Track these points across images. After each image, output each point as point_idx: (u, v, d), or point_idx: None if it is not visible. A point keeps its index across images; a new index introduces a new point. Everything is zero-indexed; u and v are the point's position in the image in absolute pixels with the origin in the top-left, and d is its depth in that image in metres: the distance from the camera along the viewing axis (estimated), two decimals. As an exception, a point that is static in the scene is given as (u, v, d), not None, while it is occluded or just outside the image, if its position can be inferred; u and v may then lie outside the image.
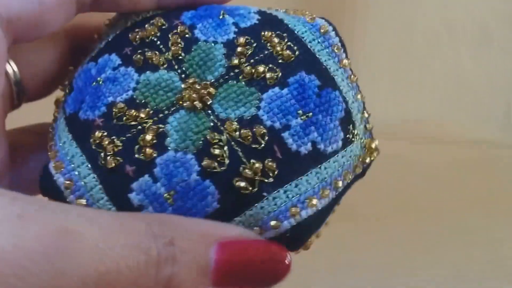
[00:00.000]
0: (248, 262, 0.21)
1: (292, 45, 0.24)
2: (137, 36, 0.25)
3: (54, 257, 0.18)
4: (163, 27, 0.25)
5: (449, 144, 0.72)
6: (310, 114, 0.23)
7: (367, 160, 0.25)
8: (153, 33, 0.25)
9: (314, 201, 0.23)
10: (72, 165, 0.23)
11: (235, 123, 0.23)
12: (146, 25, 0.25)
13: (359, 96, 0.26)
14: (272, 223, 0.23)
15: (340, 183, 0.24)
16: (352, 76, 0.25)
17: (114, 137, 0.23)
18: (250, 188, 0.22)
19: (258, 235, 0.23)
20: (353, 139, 0.24)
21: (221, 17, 0.25)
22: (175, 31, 0.24)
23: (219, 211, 0.22)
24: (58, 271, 0.18)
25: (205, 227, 0.22)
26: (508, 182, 0.67)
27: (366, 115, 0.26)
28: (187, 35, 0.24)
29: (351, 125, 0.24)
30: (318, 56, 0.24)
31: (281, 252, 0.22)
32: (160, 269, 0.20)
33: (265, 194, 0.22)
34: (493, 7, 0.79)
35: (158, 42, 0.24)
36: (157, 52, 0.24)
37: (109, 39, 0.26)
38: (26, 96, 0.27)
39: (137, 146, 0.22)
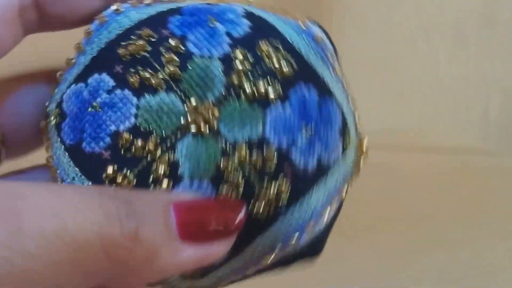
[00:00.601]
0: (206, 215, 0.21)
1: (288, 58, 0.24)
2: (126, 52, 0.23)
3: (6, 216, 0.18)
4: (152, 39, 0.23)
5: (429, 152, 0.72)
6: (313, 128, 0.23)
7: (361, 161, 0.25)
8: (143, 47, 0.23)
9: (326, 212, 0.24)
10: None
11: (245, 146, 0.22)
12: (132, 37, 0.24)
13: (351, 103, 0.25)
14: (293, 240, 0.23)
15: (344, 190, 0.24)
16: (344, 83, 0.25)
17: (125, 171, 0.22)
18: (267, 211, 0.22)
19: (279, 252, 0.23)
20: (349, 143, 0.24)
21: (211, 25, 0.24)
22: (168, 45, 0.23)
23: (239, 236, 0.22)
24: (13, 229, 0.18)
25: (158, 192, 0.22)
26: (487, 190, 0.67)
27: (356, 117, 0.26)
28: (181, 51, 0.23)
29: (347, 134, 0.24)
30: (314, 68, 0.24)
31: (240, 204, 0.22)
32: (123, 223, 0.19)
33: (282, 212, 0.23)
34: (470, 10, 0.79)
35: (151, 59, 0.23)
36: (152, 72, 0.23)
37: (94, 55, 0.24)
38: (7, 152, 0.26)
39: (151, 179, 0.22)
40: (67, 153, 0.24)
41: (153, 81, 0.23)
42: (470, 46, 0.79)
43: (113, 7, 0.25)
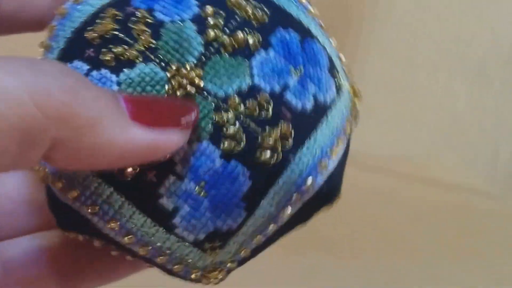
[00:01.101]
0: (155, 104, 0.21)
1: (261, 7, 0.23)
2: (95, 35, 0.23)
3: None
4: (118, 17, 0.23)
5: (433, 186, 0.72)
6: (302, 68, 0.23)
7: (357, 104, 0.25)
8: (110, 26, 0.23)
9: (335, 150, 0.24)
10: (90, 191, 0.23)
11: (237, 97, 0.22)
12: (97, 20, 0.23)
13: (332, 43, 0.25)
14: (308, 182, 0.23)
15: (348, 129, 0.24)
16: (322, 25, 0.25)
17: None
18: (276, 156, 0.22)
19: (297, 200, 0.23)
20: (341, 84, 0.24)
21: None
22: (135, 19, 0.23)
23: (253, 188, 0.22)
24: None
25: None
26: (483, 232, 0.67)
27: (343, 59, 0.26)
28: (149, 20, 0.23)
29: (335, 71, 0.24)
30: (288, 11, 0.24)
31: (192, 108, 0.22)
32: (58, 77, 0.18)
33: (290, 157, 0.22)
34: (496, 51, 0.79)
35: (121, 35, 0.23)
36: (126, 47, 0.22)
37: (62, 47, 0.24)
38: None
39: None
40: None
41: (128, 54, 0.22)
42: (491, 86, 0.79)
43: None
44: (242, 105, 0.22)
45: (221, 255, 0.24)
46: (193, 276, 0.24)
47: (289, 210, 0.23)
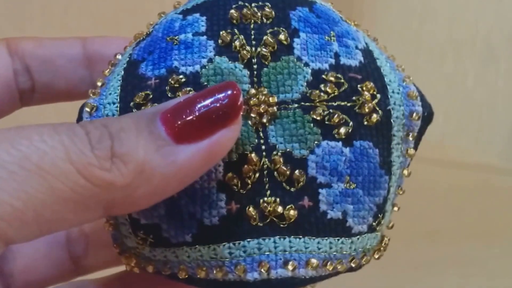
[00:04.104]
0: (193, 106, 0.20)
1: (258, 3, 0.23)
2: (237, 15, 0.23)
3: None
4: (266, 20, 0.23)
5: (449, 167, 0.72)
6: (355, 185, 0.22)
7: (375, 256, 0.25)
8: (254, 19, 0.23)
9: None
10: (104, 100, 0.23)
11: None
12: (251, 4, 0.23)
13: (400, 191, 0.25)
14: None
15: (341, 266, 0.23)
16: (405, 170, 0.25)
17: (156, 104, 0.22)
18: (259, 223, 0.21)
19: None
20: (376, 229, 0.24)
21: (328, 38, 0.23)
22: (276, 29, 0.23)
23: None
24: None
25: (140, 111, 0.21)
26: (505, 210, 0.66)
27: (395, 209, 0.25)
28: (284, 42, 0.23)
29: (381, 215, 0.24)
30: (392, 137, 0.23)
31: (227, 85, 0.21)
32: (94, 144, 0.19)
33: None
34: (501, 27, 0.78)
35: (253, 32, 0.23)
36: (245, 42, 0.22)
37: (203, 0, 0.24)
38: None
39: None
40: (125, 65, 0.24)
41: (240, 50, 0.22)
42: (500, 63, 0.78)
43: None
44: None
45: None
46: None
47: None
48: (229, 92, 0.20)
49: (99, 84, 0.24)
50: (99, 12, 0.70)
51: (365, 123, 0.22)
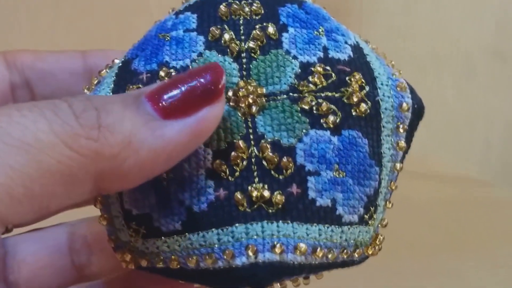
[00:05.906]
0: (178, 85, 0.20)
1: (366, 100, 0.23)
2: (226, 10, 0.23)
3: None
4: (255, 16, 0.23)
5: (430, 180, 0.72)
6: (344, 174, 0.22)
7: (369, 251, 0.24)
8: (243, 14, 0.23)
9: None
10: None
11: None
12: (240, 1, 0.23)
13: (392, 186, 0.25)
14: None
15: (331, 255, 0.23)
16: (398, 164, 0.24)
17: None
18: (247, 209, 0.21)
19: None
20: (368, 222, 0.24)
21: (317, 33, 0.23)
22: (265, 24, 0.23)
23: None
24: None
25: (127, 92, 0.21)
26: (481, 221, 0.67)
27: (389, 205, 0.25)
28: (273, 36, 0.23)
29: (373, 208, 0.24)
30: (382, 128, 0.23)
31: (210, 64, 0.21)
32: (79, 114, 0.19)
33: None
34: (482, 45, 0.80)
35: (242, 27, 0.23)
36: (234, 37, 0.23)
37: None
38: None
39: None
40: (120, 64, 0.24)
41: (230, 45, 0.23)
42: (478, 78, 0.80)
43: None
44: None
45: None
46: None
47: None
48: (212, 70, 0.20)
49: (94, 82, 0.24)
50: (87, 28, 0.71)
51: (354, 113, 0.23)
